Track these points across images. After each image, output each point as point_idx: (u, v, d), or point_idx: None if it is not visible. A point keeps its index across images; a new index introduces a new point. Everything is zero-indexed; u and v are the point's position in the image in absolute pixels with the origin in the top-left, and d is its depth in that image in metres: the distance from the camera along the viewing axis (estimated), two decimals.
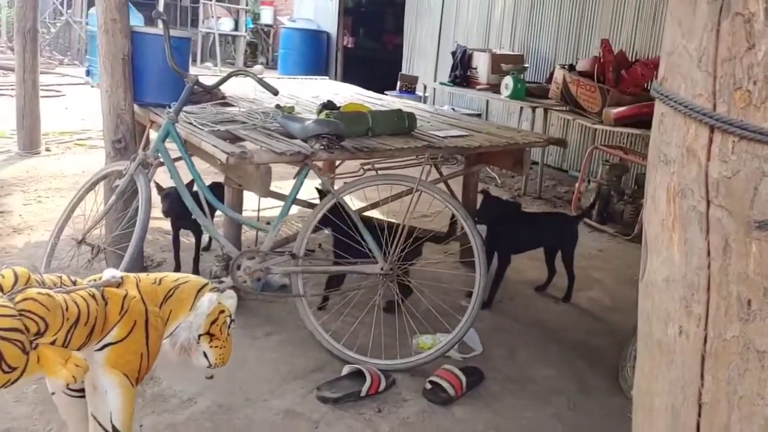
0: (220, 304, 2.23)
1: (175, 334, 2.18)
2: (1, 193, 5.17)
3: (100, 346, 1.98)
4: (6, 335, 1.71)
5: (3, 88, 9.76)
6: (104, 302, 1.99)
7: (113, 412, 2.02)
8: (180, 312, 2.18)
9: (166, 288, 2.18)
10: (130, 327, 2.02)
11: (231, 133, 3.43)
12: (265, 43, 18.45)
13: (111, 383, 2.00)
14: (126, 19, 3.61)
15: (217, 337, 2.22)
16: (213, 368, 2.26)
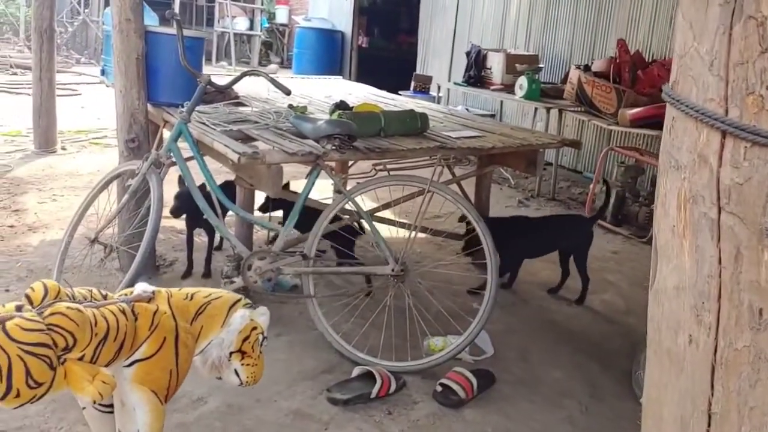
0: (253, 321, 2.19)
1: (207, 351, 2.14)
2: (16, 192, 5.21)
3: (129, 363, 1.96)
4: (33, 350, 1.69)
5: (20, 87, 9.86)
6: (134, 317, 1.95)
7: (141, 428, 1.99)
8: (212, 328, 2.14)
9: (197, 304, 2.14)
10: (159, 343, 1.99)
11: (243, 133, 3.43)
12: (280, 43, 18.50)
13: (139, 400, 1.97)
14: (140, 19, 3.62)
15: (249, 355, 2.16)
16: (244, 386, 2.20)
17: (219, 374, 2.18)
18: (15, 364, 1.67)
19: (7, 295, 3.50)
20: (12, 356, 1.67)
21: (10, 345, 1.67)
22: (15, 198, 5.06)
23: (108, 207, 3.54)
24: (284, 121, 3.61)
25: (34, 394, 1.73)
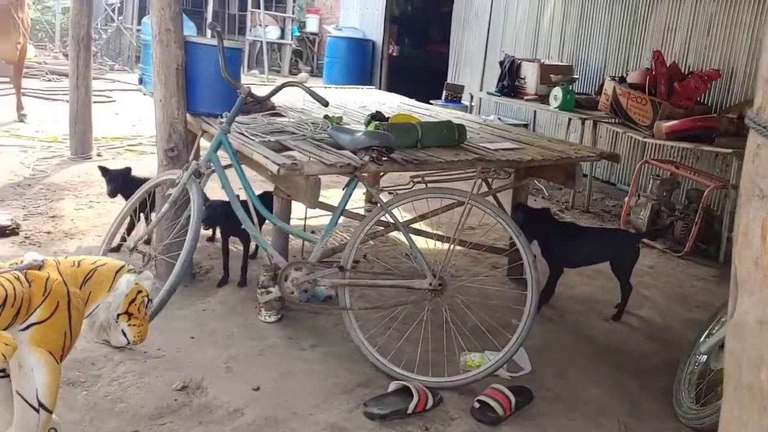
0: (138, 285, 2.33)
1: (95, 314, 2.29)
2: (53, 198, 5.28)
3: (25, 326, 2.06)
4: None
5: (55, 93, 10.01)
6: (28, 284, 2.06)
7: (40, 388, 2.08)
8: (99, 293, 2.28)
9: (85, 270, 2.27)
10: (53, 308, 2.10)
11: (281, 144, 3.44)
12: (309, 51, 18.61)
13: (37, 361, 2.07)
14: (180, 29, 3.65)
15: (135, 316, 2.33)
16: (131, 345, 2.41)
17: (106, 336, 2.35)
18: None
19: None
20: None
21: None
22: (52, 204, 5.13)
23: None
24: (321, 132, 3.62)
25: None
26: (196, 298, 3.67)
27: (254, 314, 3.52)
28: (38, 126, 7.83)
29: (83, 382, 2.84)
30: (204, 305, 3.62)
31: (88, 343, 3.11)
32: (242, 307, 3.64)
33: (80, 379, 2.86)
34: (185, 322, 3.41)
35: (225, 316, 3.53)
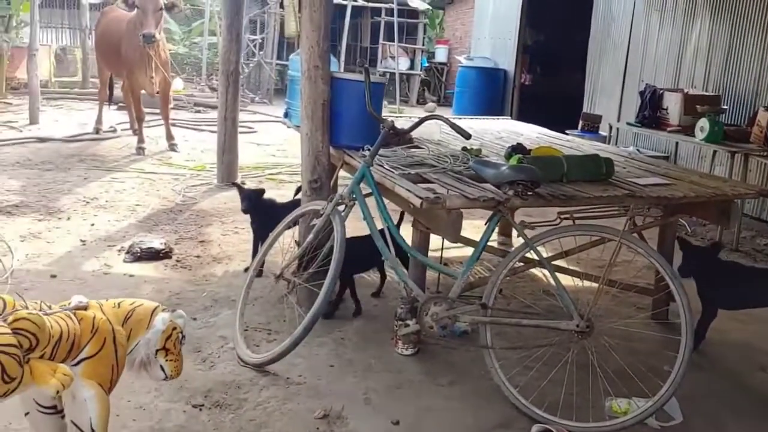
0: (173, 322, 2.50)
1: (135, 350, 2.46)
2: (202, 223, 5.59)
3: (77, 362, 2.25)
4: (5, 350, 2.01)
5: (203, 124, 10.68)
6: (78, 323, 2.26)
7: (93, 418, 2.27)
8: (139, 331, 2.45)
9: (125, 310, 2.46)
10: (101, 343, 2.31)
11: (421, 176, 3.45)
12: (438, 81, 18.80)
13: (90, 393, 2.26)
14: (327, 66, 3.77)
15: (172, 352, 2.51)
16: (168, 380, 2.54)
17: (146, 371, 2.51)
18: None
19: (194, 323, 3.72)
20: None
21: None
22: (201, 229, 5.42)
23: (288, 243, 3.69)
24: (461, 164, 3.60)
25: (8, 388, 2.04)
26: (333, 326, 3.73)
27: (390, 346, 3.53)
28: (187, 155, 8.36)
29: (230, 405, 2.94)
30: (342, 334, 3.67)
31: (235, 367, 3.25)
32: (378, 337, 3.66)
33: (227, 402, 2.97)
34: (324, 350, 3.47)
35: (362, 346, 3.56)
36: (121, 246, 4.79)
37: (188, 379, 3.10)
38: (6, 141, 8.29)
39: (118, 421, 2.76)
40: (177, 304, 3.93)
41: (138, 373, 2.53)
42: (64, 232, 5.06)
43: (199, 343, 3.49)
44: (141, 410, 2.85)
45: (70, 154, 7.89)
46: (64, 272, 4.25)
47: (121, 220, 5.49)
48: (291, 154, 8.90)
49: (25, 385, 2.09)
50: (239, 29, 6.91)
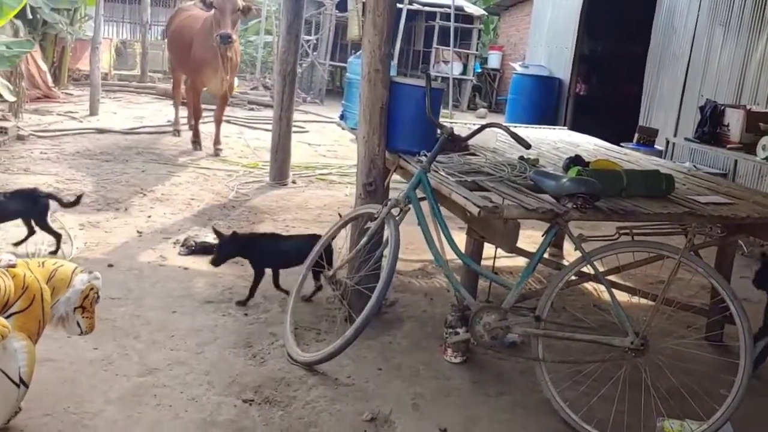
0: (91, 283, 2.74)
1: (55, 307, 2.68)
2: (254, 220, 5.67)
3: (7, 315, 2.47)
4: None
5: (256, 122, 10.82)
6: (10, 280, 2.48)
7: (22, 366, 2.48)
8: (60, 289, 2.69)
9: (48, 270, 2.69)
10: (30, 299, 2.54)
11: (477, 185, 3.43)
12: (489, 87, 18.70)
13: (20, 344, 2.48)
14: (387, 70, 3.79)
15: (88, 310, 2.75)
16: (83, 335, 2.80)
17: (63, 327, 2.75)
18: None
19: (245, 318, 3.78)
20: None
21: None
22: (253, 226, 5.50)
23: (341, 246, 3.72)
24: (518, 174, 3.57)
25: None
26: (382, 330, 3.74)
27: (439, 352, 3.52)
28: (241, 152, 8.49)
29: (279, 402, 2.98)
30: (390, 338, 3.68)
31: (285, 364, 3.28)
32: (427, 343, 3.65)
33: (277, 398, 3.00)
34: (372, 353, 3.49)
35: (410, 351, 3.56)
36: (176, 239, 4.89)
37: (239, 374, 3.16)
38: (67, 131, 8.55)
39: (170, 411, 2.83)
40: (230, 298, 4.00)
41: (55, 328, 2.76)
42: (121, 222, 5.19)
43: (250, 338, 3.54)
44: (193, 402, 2.90)
45: (128, 146, 8.09)
46: (120, 262, 4.36)
47: (177, 214, 5.61)
48: (341, 155, 8.98)
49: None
50: (299, 30, 6.99)
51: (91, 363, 3.14)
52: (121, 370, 3.10)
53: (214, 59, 7.83)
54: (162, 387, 2.99)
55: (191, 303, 3.92)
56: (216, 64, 7.83)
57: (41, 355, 3.09)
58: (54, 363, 3.10)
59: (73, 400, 2.83)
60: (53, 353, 3.17)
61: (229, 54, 7.82)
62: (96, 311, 2.80)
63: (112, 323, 3.55)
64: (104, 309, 3.66)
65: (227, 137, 9.31)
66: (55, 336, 3.27)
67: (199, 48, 7.97)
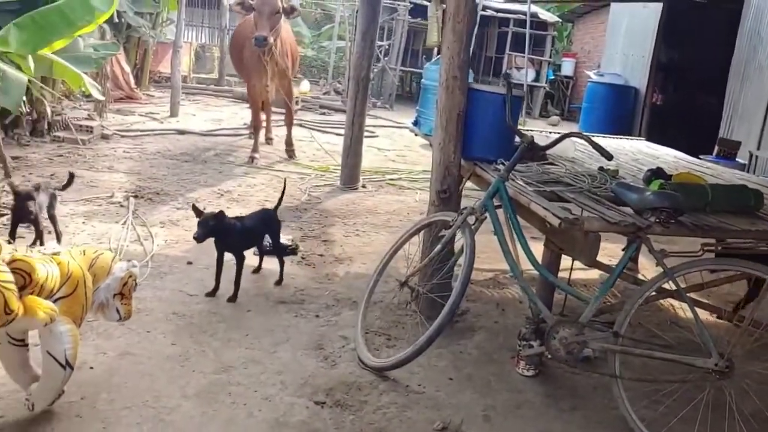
0: (129, 270, 2.84)
1: (96, 294, 2.77)
2: (325, 223, 5.73)
3: (54, 299, 2.55)
4: (7, 286, 2.33)
5: (327, 126, 10.95)
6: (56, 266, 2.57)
7: (67, 349, 2.58)
8: (101, 276, 2.78)
9: (89, 258, 2.79)
10: (74, 285, 2.64)
11: (556, 195, 3.38)
12: (562, 95, 18.39)
13: (65, 327, 2.58)
14: (465, 76, 3.77)
15: (126, 296, 2.85)
16: (122, 321, 2.89)
17: (102, 313, 2.83)
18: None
19: (317, 320, 3.82)
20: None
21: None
22: (324, 229, 5.56)
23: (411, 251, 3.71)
24: (599, 185, 3.50)
25: (7, 320, 2.35)
26: (453, 339, 3.71)
27: (511, 364, 3.47)
28: (313, 155, 8.61)
29: (351, 406, 2.99)
30: (461, 347, 3.65)
31: (356, 368, 3.30)
32: (498, 354, 3.61)
33: (348, 402, 3.02)
34: (443, 362, 3.47)
35: (481, 361, 3.53)
36: None
37: (311, 375, 3.19)
38: (148, 131, 8.85)
39: (244, 409, 2.88)
40: (302, 300, 4.06)
41: (96, 314, 2.84)
42: None
43: (322, 340, 3.58)
44: (267, 402, 2.95)
45: (206, 148, 8.31)
46: (199, 259, 4.47)
47: None
48: (411, 160, 8.99)
49: (20, 318, 2.39)
50: (374, 36, 7.03)
51: (169, 358, 3.23)
52: (198, 367, 3.18)
53: (257, 65, 7.65)
54: (237, 385, 3.05)
55: (265, 303, 3.99)
56: (261, 69, 7.63)
57: (121, 349, 3.25)
58: (133, 357, 3.20)
59: (151, 394, 2.91)
60: (133, 347, 3.28)
61: (269, 57, 7.48)
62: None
63: (189, 319, 3.64)
64: (182, 305, 3.80)
65: (300, 141, 9.46)
66: (138, 330, 3.42)
67: (248, 53, 7.81)
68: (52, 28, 5.01)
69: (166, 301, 3.82)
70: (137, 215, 5.24)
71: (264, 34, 7.09)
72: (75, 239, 4.57)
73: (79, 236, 4.66)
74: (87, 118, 8.51)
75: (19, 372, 2.72)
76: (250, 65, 7.80)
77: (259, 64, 7.60)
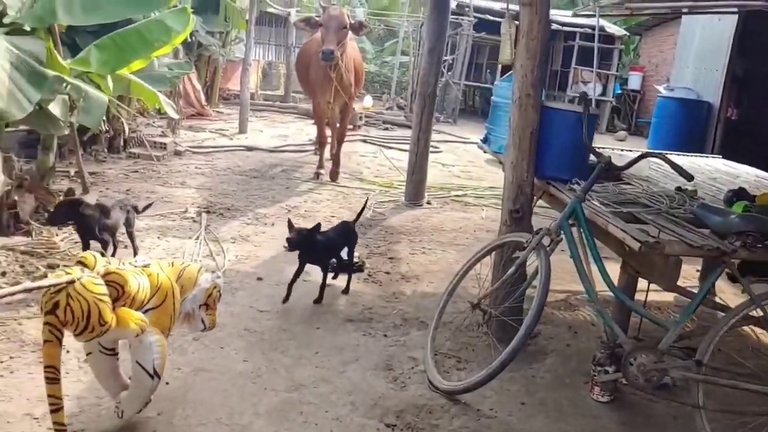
0: (214, 282, 2.91)
1: (183, 304, 2.83)
2: (391, 240, 5.72)
3: (144, 310, 2.64)
4: (102, 298, 2.42)
5: (391, 141, 10.99)
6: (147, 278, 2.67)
7: (155, 359, 2.64)
8: (187, 288, 2.85)
9: (177, 269, 2.87)
10: (163, 297, 2.72)
11: (634, 216, 3.28)
12: (629, 109, 17.99)
13: (154, 338, 2.65)
14: (538, 94, 3.71)
15: (211, 307, 2.91)
16: (206, 331, 2.94)
17: (188, 323, 2.90)
18: (92, 308, 2.40)
19: (385, 339, 3.80)
20: (90, 302, 2.39)
21: (88, 294, 2.40)
22: (390, 246, 5.55)
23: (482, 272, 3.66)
24: (677, 206, 3.38)
25: (101, 330, 2.44)
26: (524, 362, 3.63)
27: (585, 389, 3.38)
28: (377, 171, 8.64)
29: (421, 429, 2.96)
30: (533, 371, 3.57)
31: (426, 390, 3.27)
32: (571, 379, 3.52)
33: (419, 425, 2.98)
34: (515, 386, 3.40)
35: (554, 386, 3.44)
36: None
37: (381, 397, 3.17)
38: (219, 148, 9.06)
39: (315, 429, 2.88)
40: (370, 318, 4.05)
41: (182, 324, 2.89)
42: (269, 237, 5.41)
43: (391, 361, 3.55)
44: (338, 422, 2.94)
45: (273, 164, 8.45)
46: (269, 276, 4.53)
47: None
48: (476, 176, 8.92)
49: (112, 329, 2.48)
50: (441, 53, 7.02)
51: (241, 375, 3.26)
52: (269, 384, 3.20)
53: (323, 82, 7.59)
54: (308, 404, 3.06)
55: (333, 320, 4.00)
56: (326, 86, 7.59)
57: (196, 365, 3.30)
58: (207, 373, 3.25)
59: (224, 411, 2.94)
60: (206, 363, 3.33)
61: (334, 73, 7.40)
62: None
63: (261, 336, 3.68)
64: (253, 321, 3.85)
65: (363, 156, 9.52)
66: (211, 346, 3.47)
67: (313, 69, 7.82)
68: (130, 49, 5.18)
69: (238, 317, 3.87)
70: (209, 230, 5.35)
71: (331, 47, 7.07)
72: (151, 254, 4.69)
73: (155, 251, 4.79)
74: (161, 134, 8.79)
75: (110, 380, 2.80)
76: (316, 82, 7.82)
77: (324, 81, 7.59)
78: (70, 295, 2.38)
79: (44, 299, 2.43)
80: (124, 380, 2.81)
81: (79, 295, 2.39)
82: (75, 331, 2.43)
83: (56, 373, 2.43)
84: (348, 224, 4.66)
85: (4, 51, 3.77)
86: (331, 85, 7.52)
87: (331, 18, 7.23)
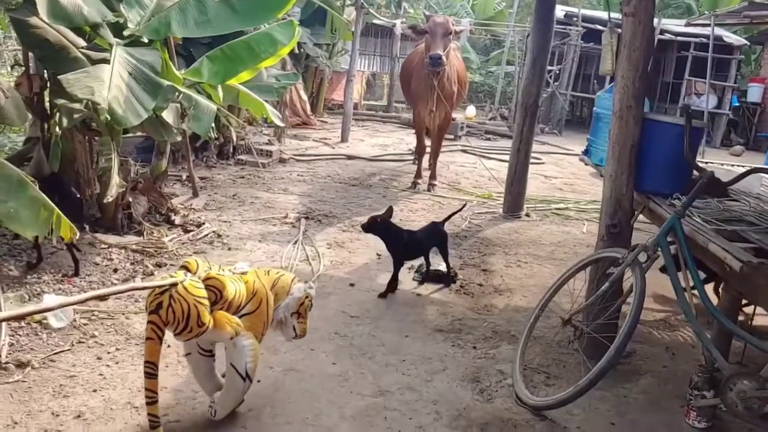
0: (306, 291, 3.01)
1: (276, 312, 2.96)
2: (486, 252, 5.68)
3: (239, 315, 2.77)
4: (201, 301, 2.58)
5: (491, 151, 10.90)
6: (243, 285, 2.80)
7: (248, 362, 2.77)
8: (281, 296, 2.97)
9: (272, 278, 2.98)
10: (258, 303, 2.85)
11: (738, 235, 3.12)
12: (748, 122, 16.98)
13: (248, 342, 2.78)
14: (641, 106, 3.60)
15: (303, 316, 3.03)
16: (297, 338, 3.04)
17: (280, 330, 3.02)
18: (192, 310, 2.56)
19: (474, 351, 3.78)
20: (191, 304, 2.56)
21: (189, 296, 2.56)
22: (484, 258, 5.52)
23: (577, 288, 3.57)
24: None
25: (200, 332, 2.60)
26: (616, 381, 3.52)
27: (680, 413, 3.23)
28: (476, 181, 8.60)
29: None
30: (625, 391, 3.46)
31: (512, 404, 3.23)
32: (667, 402, 3.37)
33: None
34: (605, 405, 3.30)
35: (647, 408, 3.32)
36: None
37: (466, 408, 3.16)
38: (321, 156, 9.31)
39: None
40: (459, 329, 4.04)
41: (274, 331, 3.02)
42: (363, 244, 5.50)
43: (478, 373, 3.54)
44: (421, 430, 2.96)
45: (372, 173, 8.60)
46: (361, 282, 4.62)
47: None
48: (579, 189, 8.70)
49: (210, 331, 2.63)
50: (544, 64, 6.91)
51: (330, 378, 3.34)
52: (356, 388, 3.26)
53: (425, 90, 7.60)
54: (392, 410, 3.09)
55: (422, 329, 4.02)
56: (428, 95, 7.62)
57: (287, 365, 3.41)
58: (297, 373, 3.35)
59: (312, 412, 3.03)
60: (297, 364, 3.44)
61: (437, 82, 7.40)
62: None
63: (350, 341, 3.76)
64: (344, 326, 3.93)
65: (462, 167, 9.49)
66: (302, 347, 3.58)
67: (416, 79, 7.88)
68: (240, 60, 5.42)
69: (329, 321, 3.97)
70: (307, 236, 5.51)
71: (439, 52, 7.14)
72: (251, 257, 4.89)
73: (255, 254, 4.99)
74: (267, 143, 9.14)
75: (205, 380, 2.96)
76: (419, 91, 7.86)
77: (427, 90, 7.61)
78: (173, 297, 2.56)
79: (149, 299, 2.61)
80: (220, 381, 2.96)
81: (181, 297, 2.56)
82: (175, 330, 2.60)
83: (155, 369, 2.61)
84: (436, 224, 4.80)
85: (124, 61, 4.05)
86: (433, 94, 7.52)
87: (437, 24, 7.30)
